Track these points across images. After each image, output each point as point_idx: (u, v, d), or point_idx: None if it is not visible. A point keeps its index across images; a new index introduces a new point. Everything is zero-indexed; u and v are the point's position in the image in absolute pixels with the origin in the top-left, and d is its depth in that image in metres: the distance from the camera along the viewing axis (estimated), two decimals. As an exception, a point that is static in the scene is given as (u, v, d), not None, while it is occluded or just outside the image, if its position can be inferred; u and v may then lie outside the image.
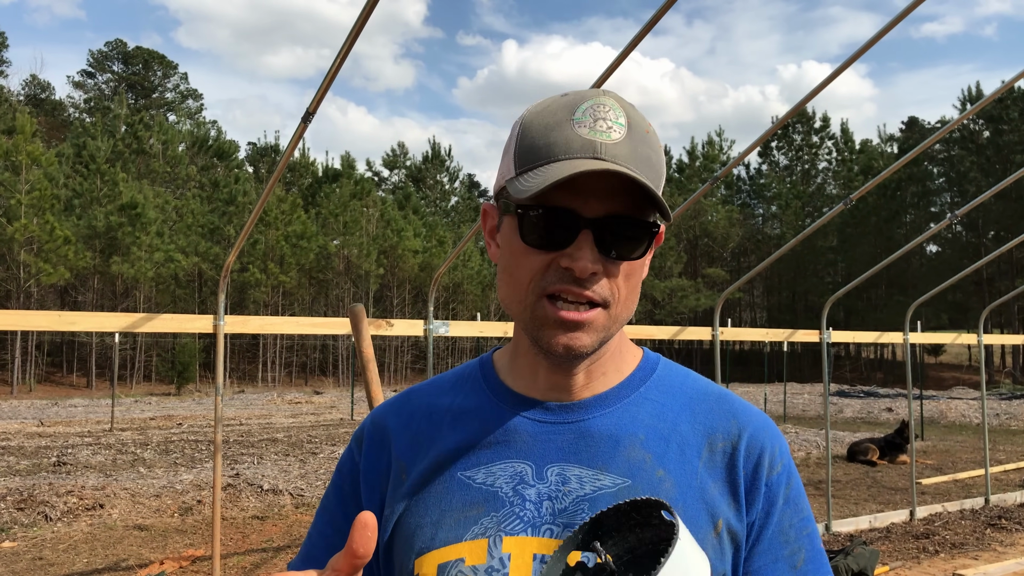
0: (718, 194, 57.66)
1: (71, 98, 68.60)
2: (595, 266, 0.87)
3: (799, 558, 0.93)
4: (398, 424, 1.02)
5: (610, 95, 0.91)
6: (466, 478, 0.94)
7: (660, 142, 0.93)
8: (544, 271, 0.88)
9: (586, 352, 0.90)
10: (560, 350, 0.89)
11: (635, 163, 0.86)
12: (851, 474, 11.82)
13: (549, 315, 0.88)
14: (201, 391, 36.83)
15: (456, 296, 49.00)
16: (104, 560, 7.00)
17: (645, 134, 0.89)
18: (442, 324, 5.92)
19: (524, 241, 0.89)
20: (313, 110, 4.18)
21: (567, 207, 0.86)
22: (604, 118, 0.88)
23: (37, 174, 36.51)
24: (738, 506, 0.92)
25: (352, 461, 1.04)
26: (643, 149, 0.88)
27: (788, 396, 26.44)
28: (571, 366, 0.94)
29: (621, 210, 0.87)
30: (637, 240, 0.89)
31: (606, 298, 0.89)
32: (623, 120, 0.88)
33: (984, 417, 10.05)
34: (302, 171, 52.21)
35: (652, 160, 0.88)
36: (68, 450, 13.60)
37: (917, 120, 54.50)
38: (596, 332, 0.89)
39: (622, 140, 0.87)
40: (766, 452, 0.95)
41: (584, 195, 0.86)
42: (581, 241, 0.86)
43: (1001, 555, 7.00)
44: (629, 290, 0.91)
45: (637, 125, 0.89)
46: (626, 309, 0.92)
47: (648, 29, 4.47)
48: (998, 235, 44.56)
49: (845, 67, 5.30)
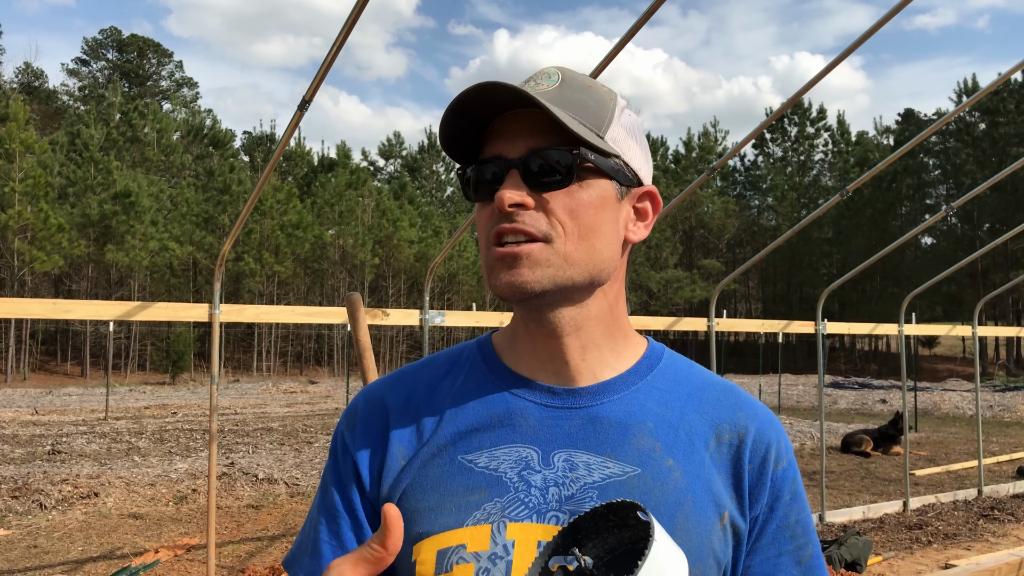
0: (714, 185, 57.68)
1: (65, 86, 68.32)
2: (516, 196, 0.87)
3: (805, 553, 0.93)
4: (396, 402, 0.99)
5: (558, 67, 0.93)
6: (467, 462, 0.92)
7: (611, 96, 0.93)
8: (489, 221, 0.90)
9: (530, 288, 0.88)
10: (504, 289, 0.88)
11: (558, 104, 0.88)
12: (845, 465, 11.87)
13: (492, 256, 0.89)
14: (196, 380, 36.80)
15: (452, 286, 48.97)
16: (99, 548, 7.00)
17: (585, 87, 0.91)
18: (438, 314, 5.91)
19: (470, 198, 0.92)
20: (309, 98, 4.16)
21: (496, 154, 0.89)
22: (535, 78, 0.91)
23: (31, 162, 36.37)
24: (741, 500, 0.92)
25: (343, 442, 1.00)
26: (574, 94, 0.89)
27: (783, 387, 26.52)
28: (535, 313, 0.92)
29: (545, 144, 0.88)
30: (561, 168, 0.88)
31: (544, 231, 0.88)
32: (556, 77, 0.91)
33: (978, 409, 10.09)
34: (297, 160, 52.04)
35: (586, 103, 0.90)
36: (63, 439, 13.59)
37: (913, 112, 54.45)
38: (539, 267, 0.88)
39: (549, 90, 0.89)
40: (772, 447, 0.95)
41: (510, 139, 0.89)
42: (507, 180, 0.88)
43: (994, 546, 7.04)
44: (580, 228, 0.89)
45: (574, 80, 0.91)
46: (583, 250, 0.90)
47: (644, 20, 4.45)
48: (993, 227, 44.66)
49: (842, 58, 5.28)
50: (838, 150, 57.06)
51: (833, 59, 5.34)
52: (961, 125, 48.12)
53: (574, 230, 0.89)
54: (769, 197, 58.96)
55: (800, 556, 0.93)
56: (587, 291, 0.93)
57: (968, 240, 45.99)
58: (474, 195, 0.92)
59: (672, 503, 0.88)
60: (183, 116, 55.00)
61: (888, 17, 4.84)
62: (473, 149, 0.94)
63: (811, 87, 5.63)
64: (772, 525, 0.92)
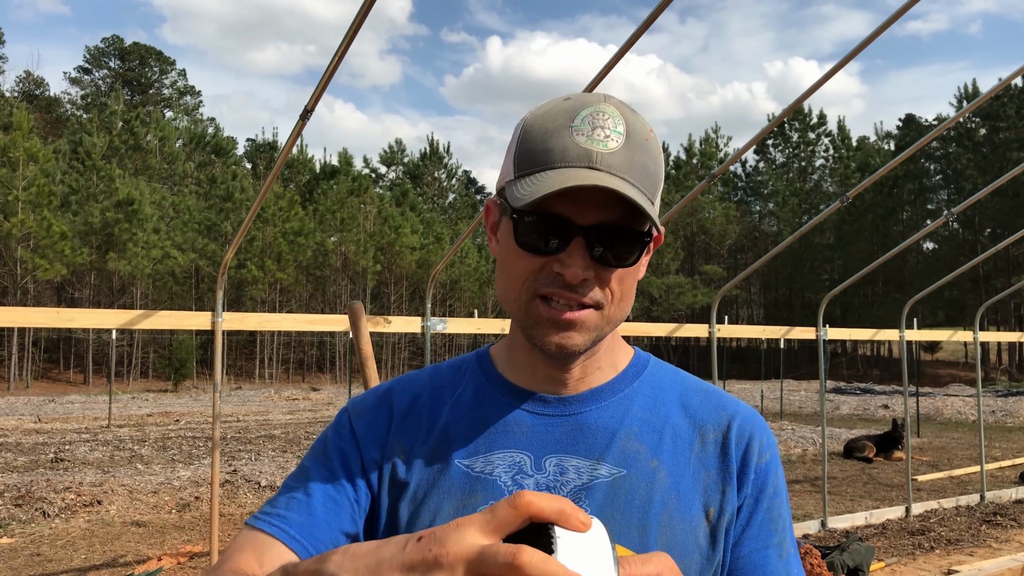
0: (715, 191, 57.70)
1: (67, 94, 68.51)
2: (586, 273, 0.89)
3: (784, 548, 0.97)
4: (401, 405, 1.03)
5: (611, 101, 0.92)
6: (464, 466, 0.96)
7: (659, 146, 0.94)
8: (537, 273, 0.91)
9: (578, 351, 0.92)
10: (553, 349, 0.91)
11: (630, 172, 0.87)
12: (847, 471, 11.85)
13: (542, 314, 0.91)
14: (198, 388, 36.82)
15: (454, 293, 48.99)
16: (102, 556, 7.01)
17: (644, 141, 0.90)
18: (440, 321, 5.93)
19: (519, 244, 0.91)
20: (311, 108, 4.19)
21: (561, 214, 0.88)
22: (602, 126, 0.89)
23: (34, 170, 36.43)
24: (728, 491, 0.95)
25: (350, 425, 1.02)
26: (640, 157, 0.89)
27: (785, 393, 26.49)
28: (566, 362, 0.97)
29: (614, 219, 0.89)
30: (628, 249, 0.91)
31: (599, 301, 0.91)
32: (621, 128, 0.89)
33: (980, 414, 10.08)
34: (300, 168, 52.11)
35: (649, 168, 0.90)
36: (65, 446, 13.60)
37: (914, 117, 54.50)
38: (588, 331, 0.92)
39: (619, 149, 0.88)
40: (755, 439, 0.99)
41: (578, 203, 0.88)
42: (573, 248, 0.88)
43: (996, 551, 7.03)
44: (623, 293, 0.93)
45: (636, 132, 0.90)
46: (619, 311, 0.94)
47: (645, 28, 4.48)
48: (994, 232, 44.65)
49: (842, 65, 5.30)
50: (839, 155, 57.08)
51: (833, 65, 5.35)
52: (962, 130, 48.13)
53: (619, 296, 0.93)
54: (770, 203, 58.97)
55: (782, 550, 0.96)
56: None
57: (969, 245, 45.97)
58: (524, 242, 0.91)
59: (658, 502, 0.92)
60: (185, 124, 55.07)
61: (889, 23, 4.86)
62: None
63: (812, 92, 5.65)
64: (758, 517, 0.96)
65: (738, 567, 0.95)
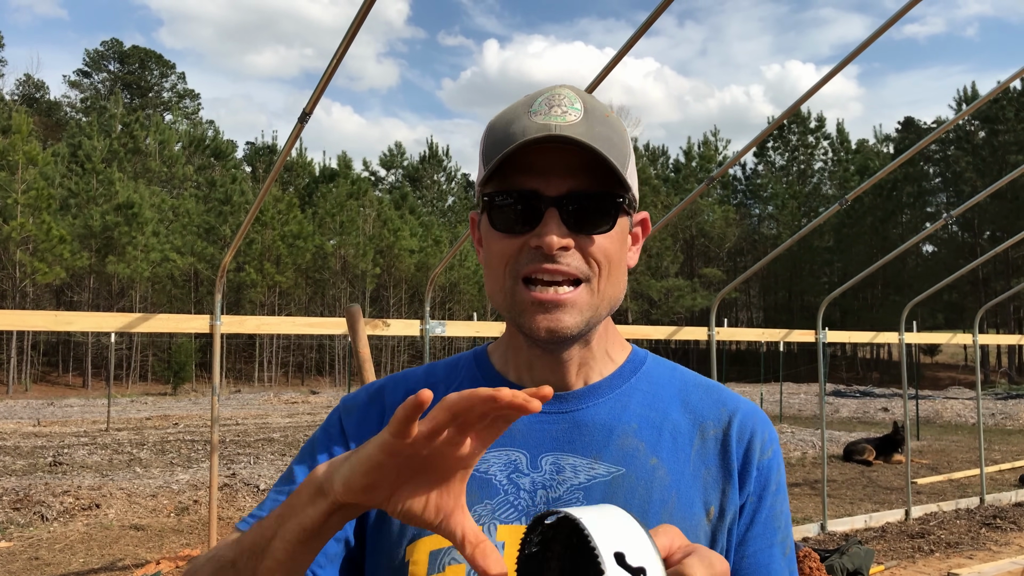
0: (714, 194, 57.74)
1: (67, 97, 68.54)
2: (564, 240, 0.87)
3: (787, 545, 0.96)
4: (393, 402, 1.01)
5: (566, 87, 0.93)
6: None
7: (623, 126, 0.94)
8: (518, 254, 0.90)
9: (570, 334, 0.90)
10: (543, 334, 0.89)
11: (593, 140, 0.87)
12: (847, 474, 11.85)
13: (527, 298, 0.89)
14: (197, 391, 36.79)
15: (453, 296, 48.97)
16: (100, 560, 6.99)
17: (605, 117, 0.91)
18: (438, 324, 5.92)
19: (494, 227, 0.91)
20: (309, 111, 4.19)
21: (531, 189, 0.88)
22: (559, 104, 0.89)
23: (33, 173, 36.43)
24: (730, 488, 0.94)
25: (340, 424, 1.01)
26: (601, 129, 0.89)
27: (784, 396, 26.49)
28: (560, 350, 0.95)
29: (584, 187, 0.88)
30: (603, 214, 0.90)
31: (585, 272, 0.90)
32: (579, 105, 0.90)
33: (979, 417, 10.08)
34: (299, 171, 52.13)
35: (613, 140, 0.89)
36: (64, 450, 13.58)
37: (913, 120, 54.54)
38: (579, 312, 0.90)
39: (578, 121, 0.88)
40: (757, 435, 0.97)
41: (546, 175, 0.88)
42: (547, 218, 0.87)
43: (996, 554, 7.02)
44: (610, 267, 0.91)
45: (595, 109, 0.91)
46: (611, 287, 0.92)
47: (643, 31, 4.48)
48: (994, 235, 44.67)
49: (840, 68, 5.31)
50: (838, 158, 57.14)
51: (832, 68, 5.36)
52: (961, 133, 48.19)
53: (607, 269, 0.91)
54: (770, 206, 58.99)
55: (784, 548, 0.96)
56: (601, 323, 0.96)
57: (969, 248, 46.01)
58: (499, 223, 0.91)
59: (657, 500, 0.91)
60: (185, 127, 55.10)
61: (886, 26, 4.87)
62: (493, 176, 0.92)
63: (811, 95, 5.66)
64: (762, 515, 0.95)
65: (743, 567, 0.94)
